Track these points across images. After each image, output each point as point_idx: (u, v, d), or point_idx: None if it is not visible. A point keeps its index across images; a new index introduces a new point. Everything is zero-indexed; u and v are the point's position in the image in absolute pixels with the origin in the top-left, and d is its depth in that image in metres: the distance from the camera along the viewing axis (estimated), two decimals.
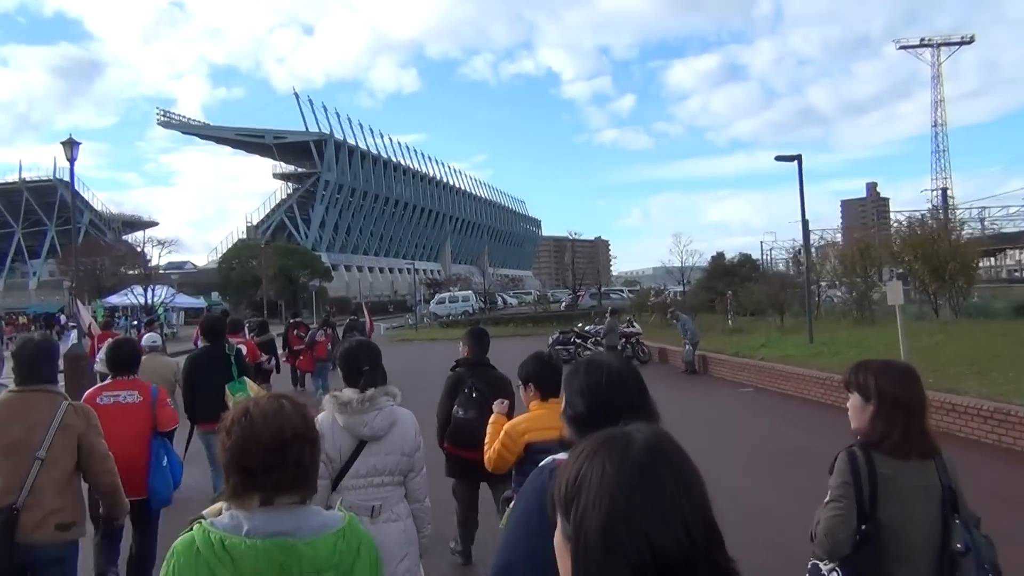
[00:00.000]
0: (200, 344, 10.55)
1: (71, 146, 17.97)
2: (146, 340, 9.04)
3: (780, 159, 18.47)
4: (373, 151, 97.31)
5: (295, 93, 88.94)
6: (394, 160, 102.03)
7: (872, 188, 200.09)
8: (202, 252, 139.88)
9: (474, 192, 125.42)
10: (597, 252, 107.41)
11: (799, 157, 18.19)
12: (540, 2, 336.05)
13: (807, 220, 18.98)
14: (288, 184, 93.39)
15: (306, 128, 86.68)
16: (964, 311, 22.99)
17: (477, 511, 5.92)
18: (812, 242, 52.78)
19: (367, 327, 19.25)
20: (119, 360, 5.28)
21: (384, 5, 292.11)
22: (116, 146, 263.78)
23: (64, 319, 45.75)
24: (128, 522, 5.08)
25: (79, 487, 3.98)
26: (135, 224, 79.14)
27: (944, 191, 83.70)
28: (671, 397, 14.23)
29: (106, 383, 5.27)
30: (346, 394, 3.50)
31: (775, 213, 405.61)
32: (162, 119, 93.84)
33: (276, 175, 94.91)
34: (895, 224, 35.14)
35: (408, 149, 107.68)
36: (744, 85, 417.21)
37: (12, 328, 50.42)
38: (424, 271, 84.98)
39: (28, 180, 79.56)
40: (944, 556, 2.62)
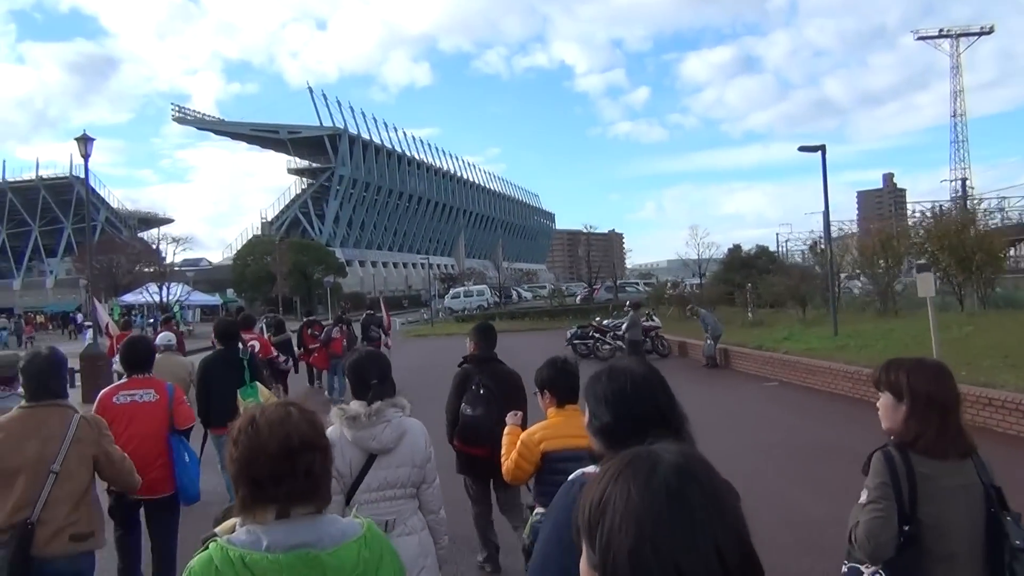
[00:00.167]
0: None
1: (85, 142, 17.94)
2: (160, 339, 9.19)
3: (804, 149, 18.22)
4: (387, 145, 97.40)
5: (309, 88, 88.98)
6: (408, 154, 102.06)
7: (889, 179, 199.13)
8: (217, 249, 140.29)
9: (488, 186, 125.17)
10: (611, 245, 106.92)
11: (823, 148, 17.90)
12: None
13: (829, 211, 18.63)
14: (302, 179, 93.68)
15: (320, 123, 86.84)
16: (991, 302, 22.63)
17: (491, 507, 5.81)
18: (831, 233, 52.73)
19: (384, 322, 19.14)
20: (134, 359, 5.26)
21: None
22: (132, 143, 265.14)
23: (81, 318, 45.96)
24: (144, 523, 5.09)
25: (95, 498, 3.98)
26: (151, 221, 79.63)
27: (964, 181, 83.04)
28: (694, 392, 13.98)
29: (122, 382, 5.23)
30: (353, 407, 3.43)
31: (790, 205, 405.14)
32: (177, 115, 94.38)
33: (291, 170, 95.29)
34: (915, 215, 34.75)
35: (422, 143, 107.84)
36: (759, 77, 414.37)
37: (32, 327, 50.87)
38: (438, 266, 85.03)
39: (45, 177, 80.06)
40: (995, 555, 2.55)
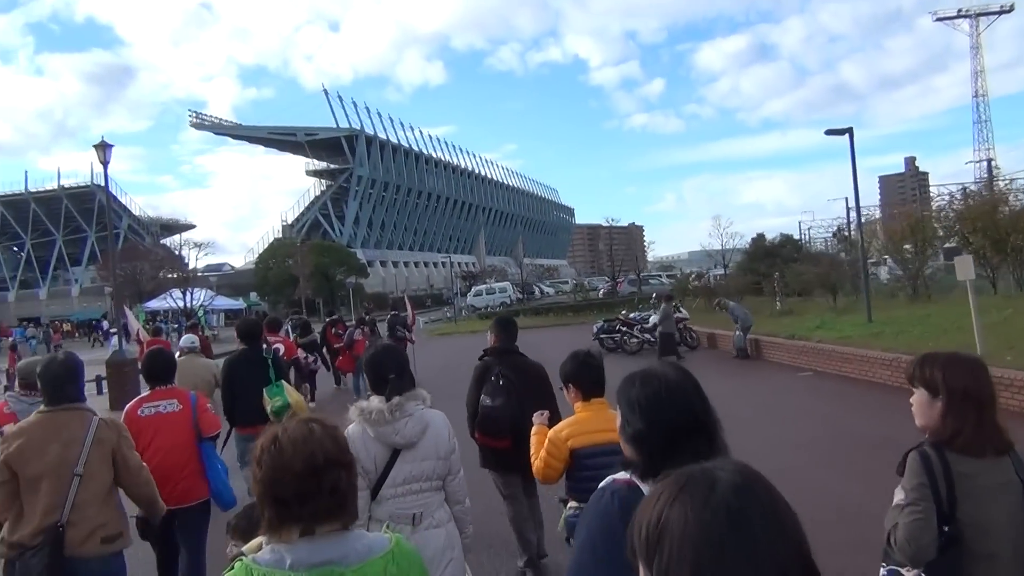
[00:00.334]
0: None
1: (104, 148, 17.99)
2: (184, 341, 9.28)
3: (830, 132, 17.81)
4: (404, 145, 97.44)
5: (324, 90, 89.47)
6: (425, 153, 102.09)
7: (911, 163, 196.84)
8: (239, 253, 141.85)
9: (506, 182, 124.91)
10: (632, 238, 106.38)
11: (850, 130, 17.48)
12: None
13: (859, 195, 18.22)
14: (321, 181, 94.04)
15: (337, 124, 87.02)
16: None
17: (523, 502, 5.64)
18: (853, 219, 52.03)
19: (409, 321, 19.04)
20: (155, 371, 5.27)
21: None
22: (151, 150, 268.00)
23: (106, 325, 46.27)
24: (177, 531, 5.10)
25: (119, 499, 4.02)
26: (172, 227, 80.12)
27: (989, 162, 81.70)
28: (727, 384, 13.69)
29: (145, 395, 5.22)
30: (373, 403, 3.37)
31: (810, 192, 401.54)
32: (195, 121, 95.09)
33: (309, 172, 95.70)
34: (941, 198, 34.08)
35: (438, 141, 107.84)
36: (775, 64, 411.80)
37: (59, 335, 51.40)
38: (459, 264, 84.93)
39: (67, 187, 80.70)
40: None
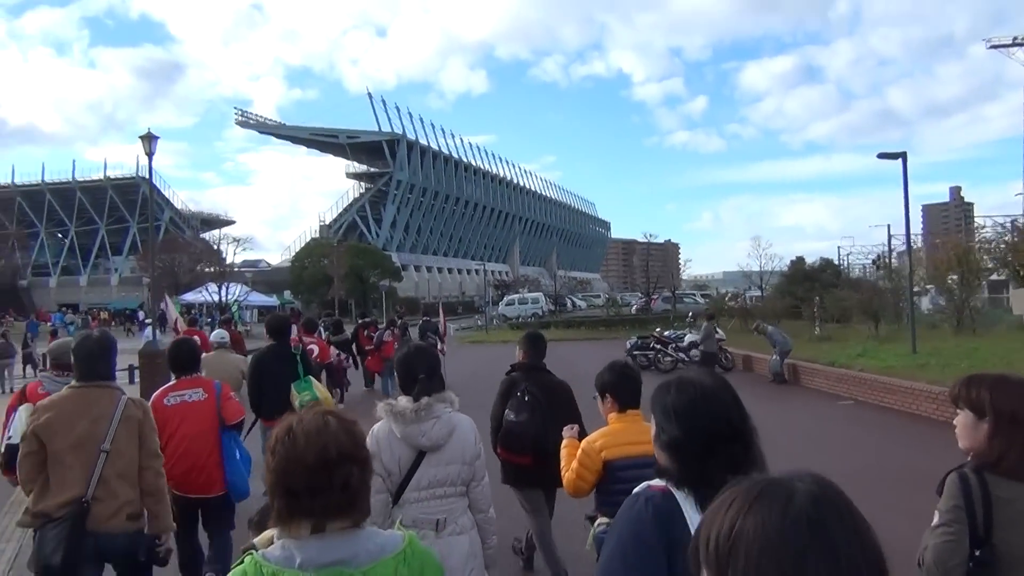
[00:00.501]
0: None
1: (150, 140, 18.21)
2: (214, 336, 9.24)
3: (883, 156, 17.33)
4: (444, 151, 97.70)
5: (368, 93, 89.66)
6: (465, 160, 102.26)
7: (956, 192, 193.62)
8: (276, 251, 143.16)
9: (544, 193, 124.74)
10: (668, 255, 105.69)
11: (904, 155, 16.99)
12: (612, 4, 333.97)
13: (910, 221, 17.72)
14: (360, 183, 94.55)
15: (379, 128, 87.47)
16: None
17: (548, 516, 5.59)
18: (894, 247, 51.01)
19: (441, 328, 18.90)
20: (180, 360, 5.36)
21: (455, 7, 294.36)
22: (195, 146, 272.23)
23: (143, 315, 46.79)
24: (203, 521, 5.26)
25: None
26: (213, 222, 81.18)
27: None
28: (764, 409, 13.27)
29: (171, 384, 5.31)
30: (401, 403, 3.32)
31: (850, 217, 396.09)
32: (240, 119, 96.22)
33: (349, 174, 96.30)
34: (985, 229, 33.31)
35: (478, 150, 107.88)
36: (821, 87, 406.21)
37: (96, 323, 52.15)
38: (492, 272, 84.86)
39: (112, 178, 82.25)
40: None
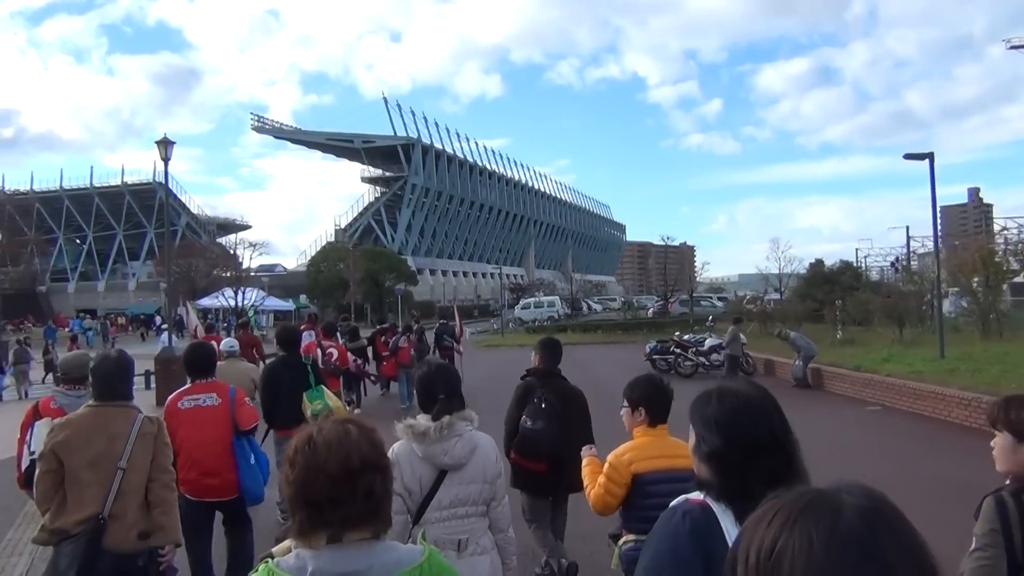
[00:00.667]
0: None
1: (166, 145, 18.16)
2: (224, 345, 9.22)
3: (909, 157, 16.96)
4: (459, 155, 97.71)
5: (384, 98, 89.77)
6: (479, 164, 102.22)
7: (975, 194, 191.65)
8: (292, 255, 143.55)
9: (559, 196, 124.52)
10: (684, 258, 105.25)
11: (931, 155, 16.63)
12: (626, 7, 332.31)
13: (937, 222, 17.37)
14: (376, 188, 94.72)
15: (394, 132, 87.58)
16: None
17: (548, 528, 5.70)
18: (912, 249, 50.43)
19: (457, 331, 18.74)
20: (196, 364, 5.37)
21: (470, 11, 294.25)
22: (212, 151, 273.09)
23: (160, 320, 46.93)
24: (222, 524, 5.39)
25: None
26: (229, 227, 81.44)
27: None
28: (789, 416, 12.84)
29: (186, 387, 5.33)
30: (421, 422, 3.27)
31: (867, 219, 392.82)
32: (256, 124, 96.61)
33: (364, 179, 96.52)
34: (1008, 231, 32.87)
35: (493, 153, 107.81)
36: (837, 89, 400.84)
37: (115, 329, 52.39)
38: (508, 276, 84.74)
39: (130, 184, 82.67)
40: None
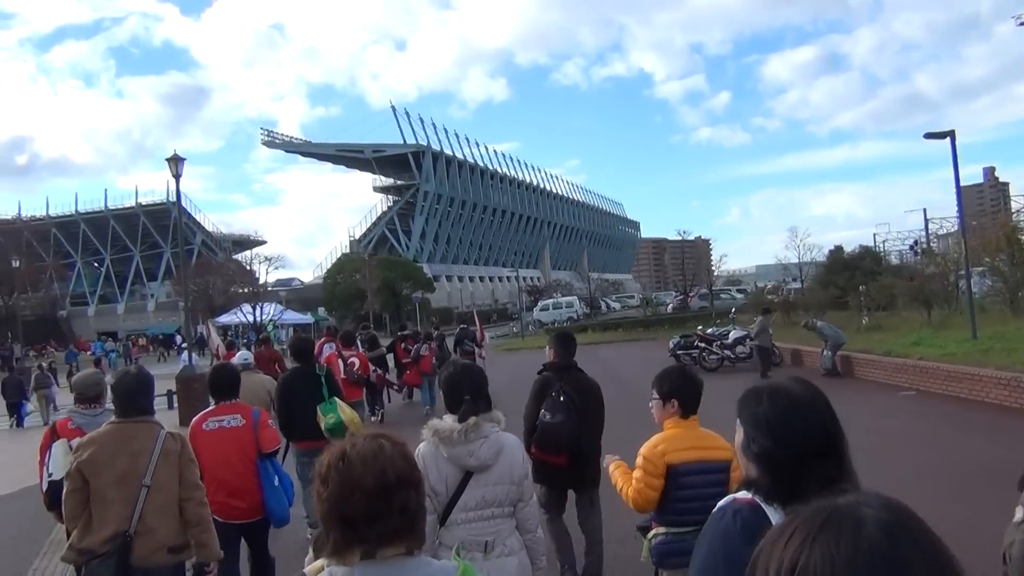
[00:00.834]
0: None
1: (176, 162, 18.09)
2: (238, 358, 9.11)
3: (929, 136, 16.62)
4: (470, 160, 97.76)
5: (392, 107, 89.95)
6: (490, 168, 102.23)
7: (990, 173, 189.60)
8: (308, 268, 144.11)
9: (571, 196, 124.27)
10: (701, 252, 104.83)
11: (952, 133, 16.27)
12: (629, 4, 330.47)
13: (962, 201, 17.01)
14: (388, 197, 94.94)
15: (404, 141, 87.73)
16: None
17: (561, 520, 5.74)
18: (932, 231, 49.78)
19: (478, 335, 18.59)
20: (220, 385, 5.32)
21: (473, 16, 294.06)
22: (224, 169, 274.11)
23: (180, 339, 47.14)
24: (245, 545, 5.34)
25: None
26: (244, 243, 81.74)
27: None
28: None
29: (210, 409, 5.30)
30: (447, 423, 3.27)
31: (881, 204, 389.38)
32: (266, 139, 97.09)
33: (376, 188, 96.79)
34: None
35: (503, 157, 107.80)
36: (845, 75, 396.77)
37: (136, 350, 52.74)
38: (524, 278, 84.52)
39: (144, 204, 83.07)
40: None
